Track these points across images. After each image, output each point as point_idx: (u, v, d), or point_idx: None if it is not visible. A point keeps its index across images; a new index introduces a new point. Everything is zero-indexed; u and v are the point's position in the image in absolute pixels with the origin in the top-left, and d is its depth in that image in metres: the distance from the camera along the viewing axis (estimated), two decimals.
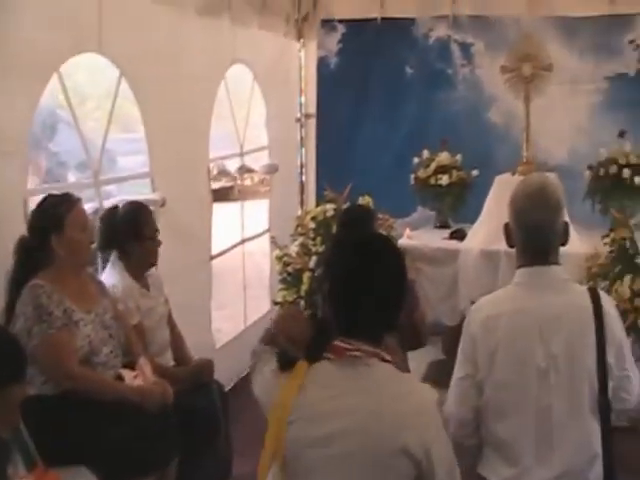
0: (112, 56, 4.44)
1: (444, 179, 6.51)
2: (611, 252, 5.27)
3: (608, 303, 2.73)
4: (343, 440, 2.04)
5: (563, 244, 2.73)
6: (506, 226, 2.76)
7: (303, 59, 7.58)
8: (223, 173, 5.71)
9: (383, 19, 7.19)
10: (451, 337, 2.78)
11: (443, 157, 6.62)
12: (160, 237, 4.10)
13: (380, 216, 5.63)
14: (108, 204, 4.39)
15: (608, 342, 2.60)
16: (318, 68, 7.52)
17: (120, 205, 4.11)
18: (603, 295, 2.74)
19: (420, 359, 4.01)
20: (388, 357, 2.13)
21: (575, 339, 2.61)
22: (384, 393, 2.08)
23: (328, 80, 7.47)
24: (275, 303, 5.65)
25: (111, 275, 3.99)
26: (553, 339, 2.59)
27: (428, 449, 2.03)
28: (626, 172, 6.10)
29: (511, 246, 2.77)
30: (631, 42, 6.85)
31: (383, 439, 2.03)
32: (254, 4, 6.24)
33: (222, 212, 7.01)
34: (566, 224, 2.71)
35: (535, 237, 2.67)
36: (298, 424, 2.07)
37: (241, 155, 6.19)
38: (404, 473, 2.04)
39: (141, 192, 5.07)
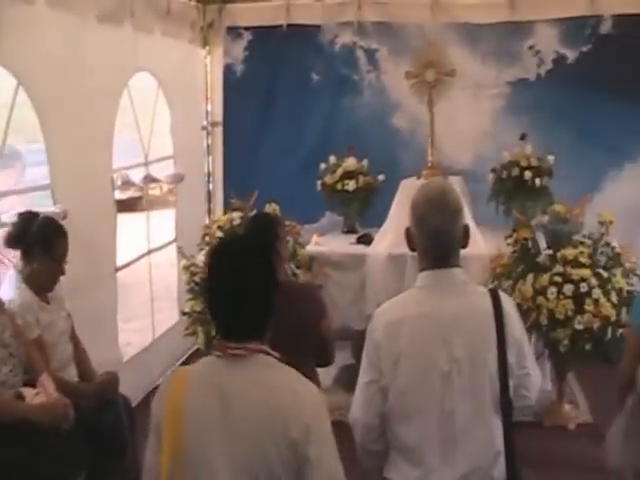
0: (9, 65, 4.33)
1: (351, 184, 6.57)
2: (514, 252, 5.39)
3: (508, 304, 2.76)
4: (233, 431, 2.09)
5: (464, 247, 2.75)
6: (407, 230, 2.77)
7: (209, 66, 7.53)
8: (128, 183, 5.59)
9: (289, 26, 7.20)
10: (360, 342, 2.79)
11: (349, 162, 6.67)
12: None
13: (287, 223, 5.63)
14: (8, 217, 4.27)
15: (508, 342, 2.64)
16: (224, 75, 7.48)
17: (41, 214, 4.03)
18: (503, 296, 2.77)
19: None
20: (274, 353, 2.20)
21: (476, 341, 2.64)
22: (269, 385, 2.14)
23: (234, 87, 7.44)
24: (183, 313, 5.59)
25: (9, 289, 3.88)
26: (455, 342, 2.61)
27: (307, 435, 2.08)
28: (527, 174, 6.27)
29: (413, 250, 2.79)
30: (531, 48, 7.05)
31: (268, 428, 2.08)
32: (157, 11, 6.17)
33: (130, 223, 6.90)
34: (466, 227, 2.74)
35: (436, 241, 2.69)
36: (191, 423, 2.11)
37: (146, 164, 6.10)
38: (287, 461, 2.08)
39: (43, 204, 4.94)
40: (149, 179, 6.02)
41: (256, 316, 2.20)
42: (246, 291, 2.16)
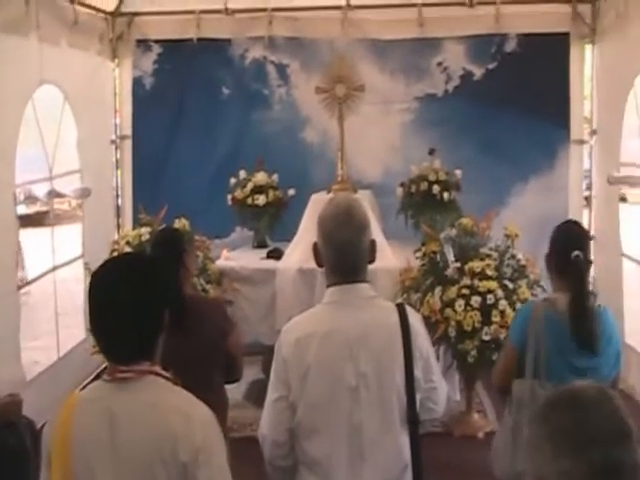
0: None
1: (261, 199, 6.55)
2: (423, 265, 5.46)
3: (415, 318, 2.79)
4: (122, 456, 2.06)
5: (371, 262, 2.77)
6: (315, 246, 2.78)
7: (118, 79, 7.43)
8: (31, 198, 5.42)
9: (199, 39, 7.16)
10: (271, 357, 2.78)
11: (259, 177, 6.66)
12: None
13: (197, 238, 5.58)
14: None
15: (415, 357, 2.67)
16: (133, 88, 7.40)
17: None
18: (410, 311, 2.80)
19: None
20: (165, 374, 2.17)
21: (383, 355, 2.66)
22: (158, 408, 2.10)
23: (144, 100, 7.36)
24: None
25: None
26: (362, 357, 2.63)
27: (196, 457, 2.05)
28: (436, 188, 6.37)
29: (320, 266, 2.79)
30: (439, 64, 7.20)
31: (157, 451, 2.05)
32: (64, 22, 6.06)
33: (37, 238, 6.73)
34: (373, 242, 2.76)
35: (343, 256, 2.70)
36: (80, 450, 2.07)
37: (50, 179, 5.94)
38: None
39: None
40: (54, 194, 5.87)
41: (141, 335, 2.14)
42: (125, 309, 2.09)
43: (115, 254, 5.61)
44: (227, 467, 2.14)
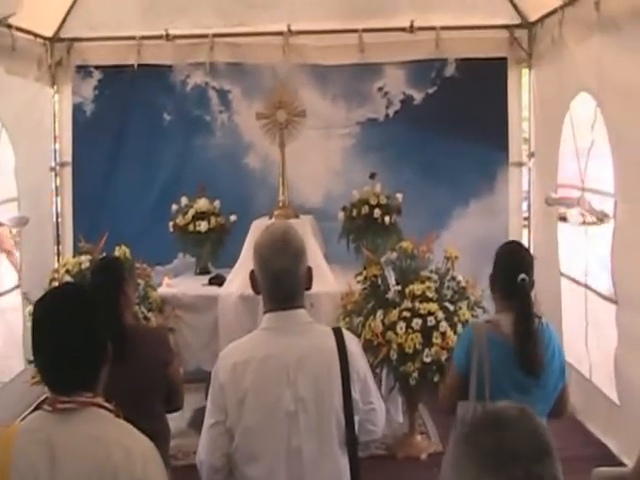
0: None
1: (203, 225, 6.54)
2: (364, 289, 5.47)
3: (352, 341, 2.82)
4: None
5: (308, 289, 2.80)
6: (251, 273, 2.81)
7: (57, 105, 7.35)
8: None
9: (140, 65, 7.13)
10: None
11: (201, 203, 6.65)
12: None
13: (138, 265, 5.53)
14: None
15: (353, 379, 2.70)
16: (73, 115, 7.33)
17: None
18: (347, 334, 2.83)
19: (185, 405, 3.96)
20: (108, 405, 2.16)
21: (321, 380, 2.68)
22: (99, 440, 2.08)
23: (84, 127, 7.29)
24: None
25: None
26: (300, 382, 2.65)
27: None
28: (377, 212, 6.43)
29: (257, 293, 2.82)
30: (380, 89, 7.28)
31: None
32: (1, 48, 5.97)
33: None
34: (309, 269, 2.79)
35: (279, 283, 2.73)
36: None
37: None
38: None
39: None
40: None
41: (84, 366, 2.14)
42: (68, 340, 2.10)
43: (55, 283, 5.54)
44: None
